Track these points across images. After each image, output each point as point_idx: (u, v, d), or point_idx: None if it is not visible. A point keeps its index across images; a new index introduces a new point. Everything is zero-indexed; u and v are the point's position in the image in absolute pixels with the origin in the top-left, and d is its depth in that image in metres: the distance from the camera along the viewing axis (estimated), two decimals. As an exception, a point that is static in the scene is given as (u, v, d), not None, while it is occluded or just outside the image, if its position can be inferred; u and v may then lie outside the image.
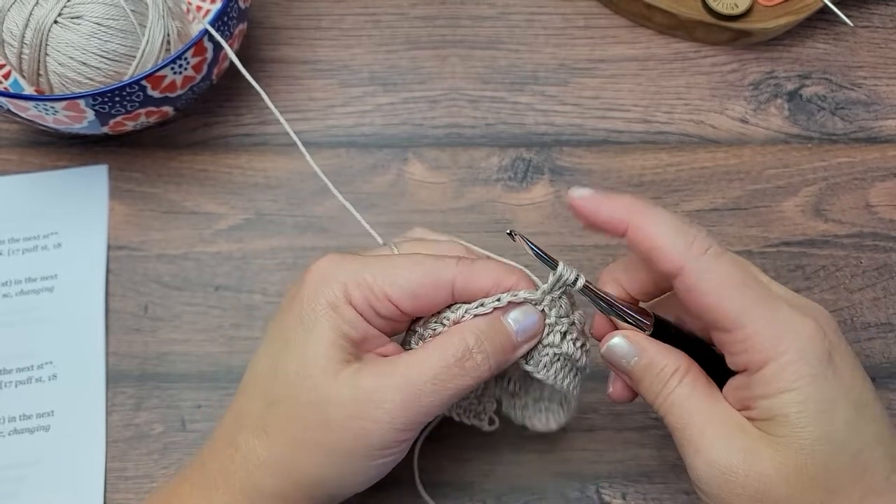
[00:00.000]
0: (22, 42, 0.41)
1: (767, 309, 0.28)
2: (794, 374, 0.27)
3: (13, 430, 0.42)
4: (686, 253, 0.28)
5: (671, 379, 0.31)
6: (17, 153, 0.49)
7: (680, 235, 0.29)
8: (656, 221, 0.29)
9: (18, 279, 0.45)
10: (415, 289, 0.30)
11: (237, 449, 0.31)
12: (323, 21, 0.52)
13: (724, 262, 0.29)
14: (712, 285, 0.28)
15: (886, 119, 0.49)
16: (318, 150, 0.49)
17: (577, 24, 0.52)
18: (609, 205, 0.30)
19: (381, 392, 0.29)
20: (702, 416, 0.30)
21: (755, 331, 0.28)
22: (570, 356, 0.33)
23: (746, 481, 0.28)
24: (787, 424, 0.28)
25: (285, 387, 0.30)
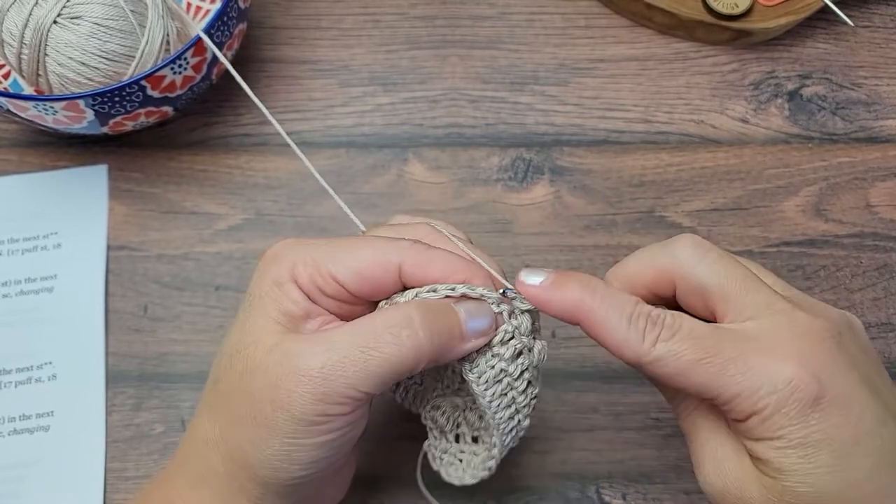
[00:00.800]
0: (21, 42, 0.41)
1: (738, 369, 0.28)
2: (774, 425, 0.28)
3: (13, 430, 0.42)
4: (639, 349, 0.29)
5: (687, 401, 0.31)
6: (16, 153, 0.49)
7: (631, 331, 0.29)
8: (605, 321, 0.29)
9: (18, 279, 0.45)
10: (360, 269, 0.29)
11: (193, 431, 0.31)
12: (323, 21, 0.52)
13: (676, 341, 0.28)
14: (672, 370, 0.28)
15: (887, 119, 0.49)
16: (318, 151, 0.49)
17: (577, 23, 0.52)
18: (557, 302, 0.30)
19: (301, 357, 0.28)
20: (704, 433, 0.31)
21: (731, 395, 0.28)
22: (513, 383, 0.31)
23: (740, 502, 0.29)
24: (771, 467, 0.28)
25: (225, 361, 0.30)
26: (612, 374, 0.43)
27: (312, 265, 0.30)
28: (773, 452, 0.28)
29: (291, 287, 0.30)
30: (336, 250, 0.30)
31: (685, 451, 0.41)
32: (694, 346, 0.28)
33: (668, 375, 0.29)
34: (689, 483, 0.41)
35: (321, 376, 0.27)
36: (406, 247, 0.30)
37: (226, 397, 0.30)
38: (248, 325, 0.30)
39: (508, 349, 0.30)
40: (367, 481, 0.40)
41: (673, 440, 0.42)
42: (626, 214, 0.47)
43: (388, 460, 0.41)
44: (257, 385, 0.28)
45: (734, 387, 0.28)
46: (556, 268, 0.32)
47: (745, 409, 0.28)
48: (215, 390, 0.31)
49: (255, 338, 0.29)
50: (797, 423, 0.27)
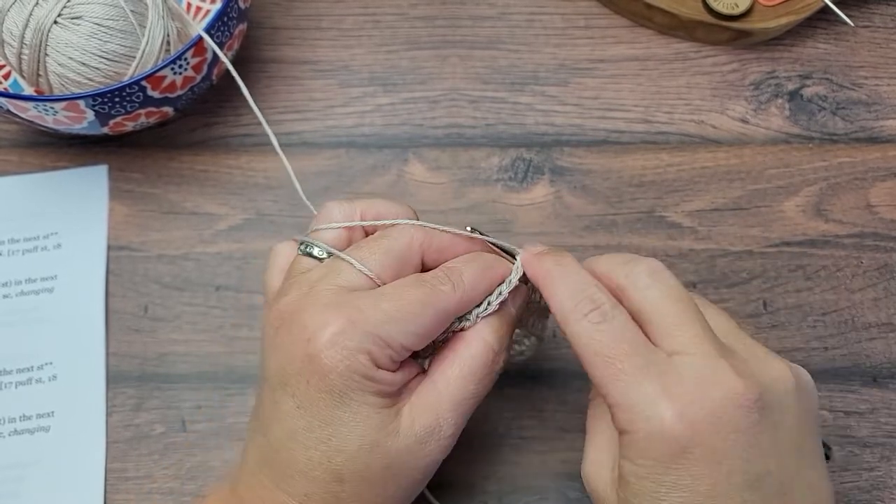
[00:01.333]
0: (22, 42, 0.41)
1: (630, 385, 0.28)
2: (638, 451, 0.28)
3: (13, 430, 0.42)
4: (568, 315, 0.30)
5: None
6: (16, 154, 0.49)
7: (570, 298, 0.30)
8: (557, 288, 0.31)
9: (18, 279, 0.45)
10: (427, 333, 0.31)
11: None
12: (323, 21, 0.52)
13: (599, 329, 0.30)
14: (581, 351, 0.30)
15: (887, 119, 0.49)
16: (318, 151, 0.49)
17: (577, 24, 0.52)
18: (532, 265, 0.33)
19: (439, 427, 0.31)
20: (599, 434, 0.32)
21: (613, 403, 0.29)
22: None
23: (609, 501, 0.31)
24: (628, 490, 0.29)
25: (355, 463, 0.30)
26: (613, 374, 0.43)
27: (386, 345, 0.30)
28: (632, 478, 0.29)
29: (380, 374, 0.30)
30: (398, 323, 0.30)
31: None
32: (610, 342, 0.29)
33: (576, 354, 0.30)
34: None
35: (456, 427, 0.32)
36: (452, 291, 0.31)
37: (365, 489, 0.31)
38: (367, 425, 0.30)
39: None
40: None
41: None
42: (627, 214, 0.47)
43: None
44: (406, 464, 0.31)
45: (618, 397, 0.29)
46: None
47: (621, 421, 0.29)
48: (346, 489, 0.30)
49: (383, 433, 0.30)
50: (659, 460, 0.28)
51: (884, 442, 0.41)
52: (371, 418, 0.30)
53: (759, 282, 0.45)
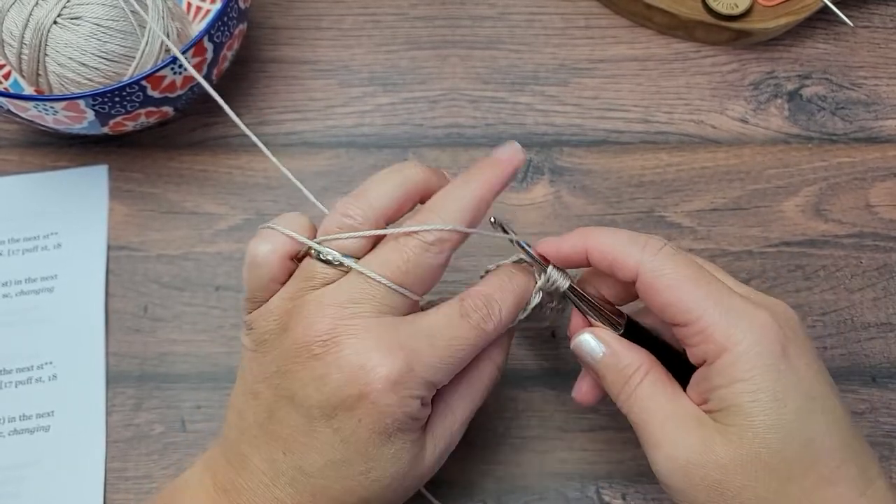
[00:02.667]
0: (21, 42, 0.41)
1: (721, 302, 0.29)
2: (747, 363, 0.28)
3: (13, 430, 0.42)
4: (640, 255, 0.31)
5: (634, 375, 0.32)
6: (16, 153, 0.49)
7: (632, 243, 0.31)
8: (608, 237, 0.32)
9: (18, 279, 0.45)
10: (457, 369, 0.32)
11: None
12: (323, 21, 0.52)
13: (677, 259, 0.30)
14: (667, 281, 0.30)
15: (887, 119, 0.49)
16: (318, 151, 0.49)
17: (577, 24, 0.52)
18: (566, 241, 0.33)
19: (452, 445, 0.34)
20: (661, 411, 0.31)
21: (710, 322, 0.29)
22: None
23: (704, 472, 0.29)
24: (741, 413, 0.28)
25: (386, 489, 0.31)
26: (612, 374, 0.43)
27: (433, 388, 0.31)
28: (745, 397, 0.28)
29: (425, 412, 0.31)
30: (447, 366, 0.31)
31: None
32: (694, 267, 0.30)
33: (659, 289, 0.30)
34: (688, 483, 0.41)
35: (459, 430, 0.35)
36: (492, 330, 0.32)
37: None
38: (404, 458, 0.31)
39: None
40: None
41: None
42: (626, 214, 0.47)
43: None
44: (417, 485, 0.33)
45: (717, 313, 0.29)
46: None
47: (718, 340, 0.29)
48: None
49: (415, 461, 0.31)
50: (769, 366, 0.28)
51: (883, 441, 0.41)
52: (409, 452, 0.31)
53: (759, 282, 0.45)
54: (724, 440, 0.29)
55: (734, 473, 0.28)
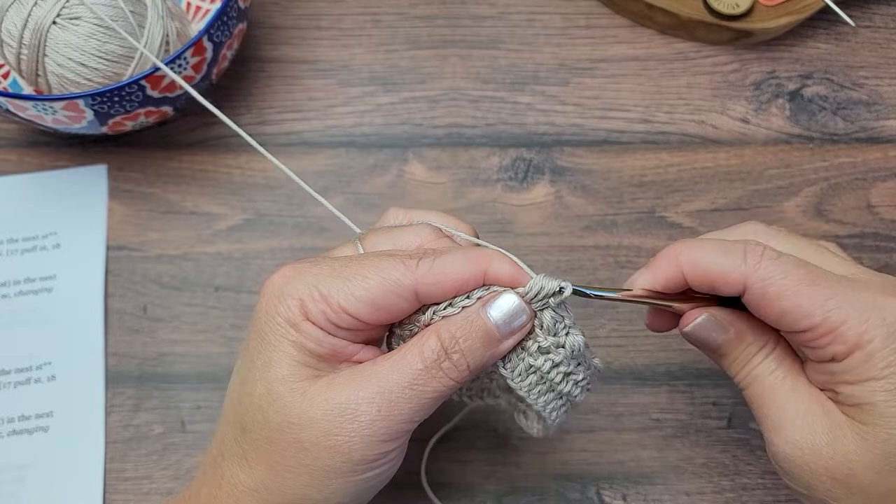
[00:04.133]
0: (21, 42, 0.41)
1: (846, 297, 0.27)
2: (883, 361, 0.27)
3: (12, 430, 0.42)
4: (743, 268, 0.28)
5: (759, 353, 0.30)
6: (16, 153, 0.49)
7: (730, 255, 0.29)
8: (701, 254, 0.29)
9: (17, 279, 0.45)
10: (374, 299, 0.28)
11: (222, 476, 0.30)
12: (323, 21, 0.52)
13: (784, 263, 0.28)
14: (781, 290, 0.28)
15: (888, 119, 0.49)
16: (318, 150, 0.48)
17: (577, 23, 0.52)
18: (658, 269, 0.30)
19: (355, 405, 0.28)
20: (783, 393, 0.29)
21: (837, 322, 0.27)
22: (546, 376, 0.30)
23: (831, 463, 0.28)
24: (875, 413, 0.27)
25: (255, 411, 0.29)
26: (613, 374, 0.43)
27: (321, 300, 0.28)
28: (879, 395, 0.27)
29: (307, 326, 0.28)
30: (343, 281, 0.28)
31: (686, 451, 0.41)
32: (802, 268, 0.28)
33: (774, 298, 0.28)
34: (689, 484, 0.41)
35: (380, 418, 0.28)
36: (414, 266, 0.28)
37: (265, 447, 0.29)
38: (273, 373, 0.29)
39: (532, 345, 0.30)
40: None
41: (673, 441, 0.42)
42: (627, 215, 0.47)
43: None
44: (308, 435, 0.28)
45: (841, 313, 0.27)
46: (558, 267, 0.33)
47: (850, 339, 0.27)
48: (248, 440, 0.29)
49: (287, 387, 0.28)
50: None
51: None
52: (281, 367, 0.28)
53: (760, 282, 0.45)
54: (856, 436, 0.28)
55: (864, 470, 0.27)
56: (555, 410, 0.32)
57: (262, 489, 0.29)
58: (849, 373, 0.27)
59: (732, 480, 0.41)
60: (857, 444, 0.27)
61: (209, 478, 0.31)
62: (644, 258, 0.46)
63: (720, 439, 0.42)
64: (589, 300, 0.31)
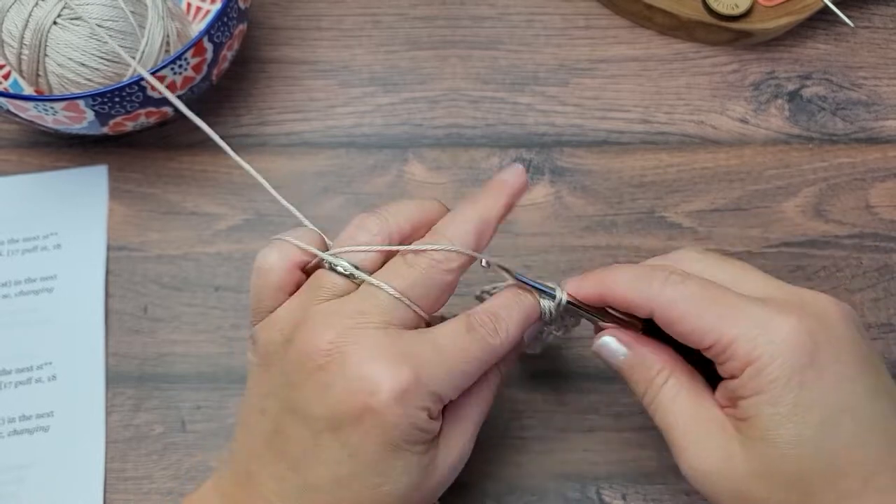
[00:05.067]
0: (21, 43, 0.41)
1: (739, 317, 0.29)
2: (768, 377, 0.28)
3: (12, 430, 0.42)
4: (648, 291, 0.30)
5: (658, 377, 0.31)
6: (16, 154, 0.49)
7: (641, 280, 0.31)
8: (617, 280, 0.32)
9: (18, 280, 0.45)
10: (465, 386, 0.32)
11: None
12: (323, 21, 0.52)
13: (687, 285, 0.30)
14: (679, 311, 0.30)
15: (887, 119, 0.49)
16: (318, 151, 0.49)
17: (577, 24, 0.52)
18: (583, 288, 0.33)
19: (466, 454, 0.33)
20: (685, 417, 0.31)
21: (729, 340, 0.29)
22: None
23: (725, 483, 0.29)
24: (760, 426, 0.28)
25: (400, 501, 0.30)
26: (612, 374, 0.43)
27: (441, 401, 0.31)
28: (765, 409, 0.28)
29: (434, 425, 0.31)
30: (456, 379, 0.31)
31: (685, 451, 0.41)
32: (701, 290, 0.30)
33: (675, 321, 0.30)
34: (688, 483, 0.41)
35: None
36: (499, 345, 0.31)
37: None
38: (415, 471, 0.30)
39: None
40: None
41: (673, 441, 0.42)
42: (626, 215, 0.47)
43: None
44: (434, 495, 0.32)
45: (734, 329, 0.28)
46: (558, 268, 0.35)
47: (741, 355, 0.28)
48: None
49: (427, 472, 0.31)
50: (791, 378, 0.28)
51: (884, 442, 0.41)
52: (420, 464, 0.30)
53: (759, 282, 0.45)
54: (745, 452, 0.29)
55: (755, 486, 0.28)
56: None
57: None
58: (743, 388, 0.29)
59: (732, 480, 0.41)
60: (747, 461, 0.28)
61: None
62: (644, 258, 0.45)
63: (720, 439, 0.42)
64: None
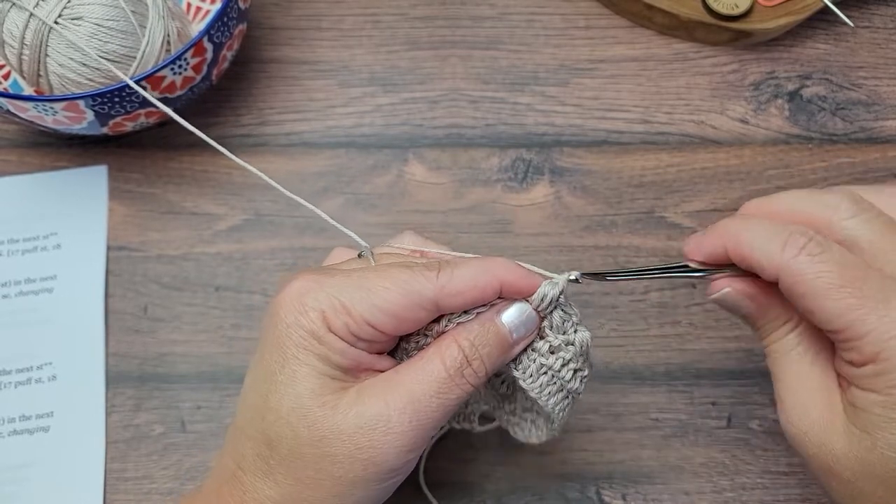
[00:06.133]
0: (22, 43, 0.41)
1: (874, 310, 0.27)
2: (888, 382, 0.27)
3: (13, 430, 0.42)
4: (779, 258, 0.28)
5: (783, 327, 0.31)
6: (16, 154, 0.49)
7: (772, 241, 0.28)
8: (746, 235, 0.29)
9: (18, 280, 0.45)
10: (396, 311, 0.29)
11: (245, 491, 0.30)
12: (323, 21, 0.52)
13: (822, 260, 0.28)
14: (809, 290, 0.27)
15: (887, 119, 0.49)
16: (318, 151, 0.49)
17: (577, 24, 0.52)
18: (706, 242, 0.31)
19: (387, 418, 0.28)
20: (794, 374, 0.30)
21: (859, 333, 0.27)
22: (557, 374, 0.31)
23: (818, 451, 0.29)
24: (868, 422, 0.27)
25: (283, 426, 0.29)
26: (611, 374, 0.43)
27: (344, 312, 0.29)
28: (876, 408, 0.27)
29: (331, 338, 0.29)
30: (365, 292, 0.29)
31: (685, 451, 0.41)
32: (839, 269, 0.27)
33: (800, 296, 0.28)
34: (688, 483, 0.41)
35: (411, 429, 0.29)
36: (434, 278, 0.29)
37: (294, 461, 0.29)
38: (301, 388, 0.29)
39: (544, 345, 0.31)
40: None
41: (672, 440, 0.42)
42: (626, 215, 0.47)
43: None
44: (340, 449, 0.28)
45: (866, 325, 0.27)
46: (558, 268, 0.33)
47: (867, 352, 0.27)
48: (275, 455, 0.29)
49: (317, 401, 0.29)
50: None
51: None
52: (308, 381, 0.29)
53: (759, 282, 0.45)
54: (845, 435, 0.28)
55: (845, 468, 0.28)
56: (562, 410, 0.33)
57: (287, 502, 0.29)
58: (860, 379, 0.28)
59: (731, 480, 0.41)
60: (844, 444, 0.28)
61: (229, 489, 0.30)
62: (643, 258, 0.46)
63: (719, 439, 0.42)
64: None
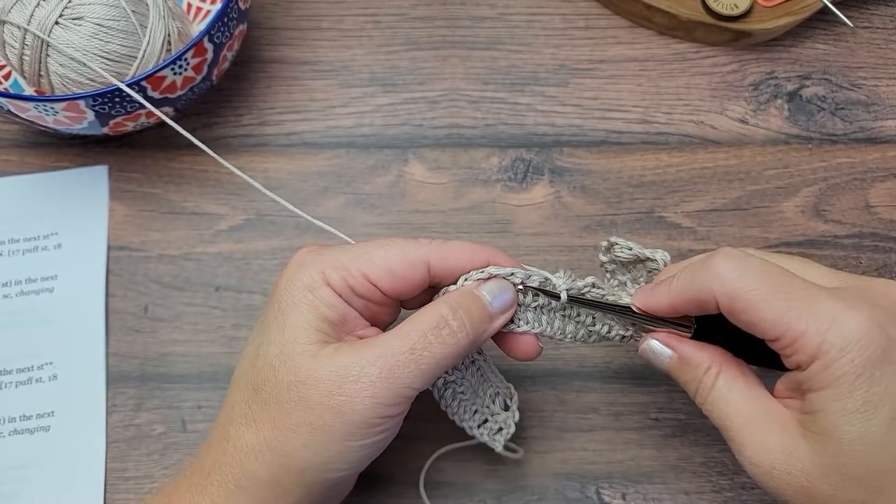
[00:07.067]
0: (23, 43, 0.41)
1: (806, 308, 0.28)
2: (836, 372, 0.27)
3: (13, 430, 0.42)
4: (710, 283, 0.30)
5: (706, 375, 0.31)
6: (17, 154, 0.49)
7: (701, 271, 0.30)
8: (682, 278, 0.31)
9: (18, 280, 0.45)
10: (391, 266, 0.31)
11: (228, 440, 0.31)
12: (323, 22, 0.52)
13: (752, 274, 0.29)
14: (744, 303, 0.29)
15: (886, 119, 0.49)
16: (318, 151, 0.49)
17: (577, 24, 0.52)
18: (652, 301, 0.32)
19: (359, 367, 0.30)
20: (741, 413, 0.30)
21: (798, 333, 0.28)
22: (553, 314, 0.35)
23: (790, 478, 0.29)
24: (826, 422, 0.28)
25: (268, 370, 0.31)
26: (612, 374, 0.43)
27: (342, 267, 0.31)
28: (832, 405, 0.27)
29: (324, 290, 0.31)
30: (363, 251, 0.32)
31: (685, 451, 0.42)
32: (765, 280, 0.29)
33: (740, 311, 0.29)
34: (688, 483, 0.41)
35: (380, 380, 0.29)
36: (427, 243, 0.32)
37: (273, 405, 0.30)
38: (288, 335, 0.31)
39: (527, 296, 0.34)
40: (368, 481, 0.40)
41: (672, 440, 0.42)
42: (626, 215, 0.47)
43: (388, 460, 0.41)
44: (313, 394, 0.30)
45: (802, 323, 0.28)
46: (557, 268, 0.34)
47: (809, 349, 0.27)
48: (258, 399, 0.31)
49: (298, 348, 0.30)
50: (860, 374, 0.27)
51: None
52: (296, 330, 0.30)
53: (759, 282, 0.45)
54: (810, 448, 0.28)
55: (820, 482, 0.28)
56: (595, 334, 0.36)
57: (265, 449, 0.30)
58: (810, 381, 0.28)
59: (731, 479, 0.41)
60: (812, 457, 0.28)
61: (214, 445, 0.32)
62: (643, 258, 0.46)
63: (719, 438, 0.41)
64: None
